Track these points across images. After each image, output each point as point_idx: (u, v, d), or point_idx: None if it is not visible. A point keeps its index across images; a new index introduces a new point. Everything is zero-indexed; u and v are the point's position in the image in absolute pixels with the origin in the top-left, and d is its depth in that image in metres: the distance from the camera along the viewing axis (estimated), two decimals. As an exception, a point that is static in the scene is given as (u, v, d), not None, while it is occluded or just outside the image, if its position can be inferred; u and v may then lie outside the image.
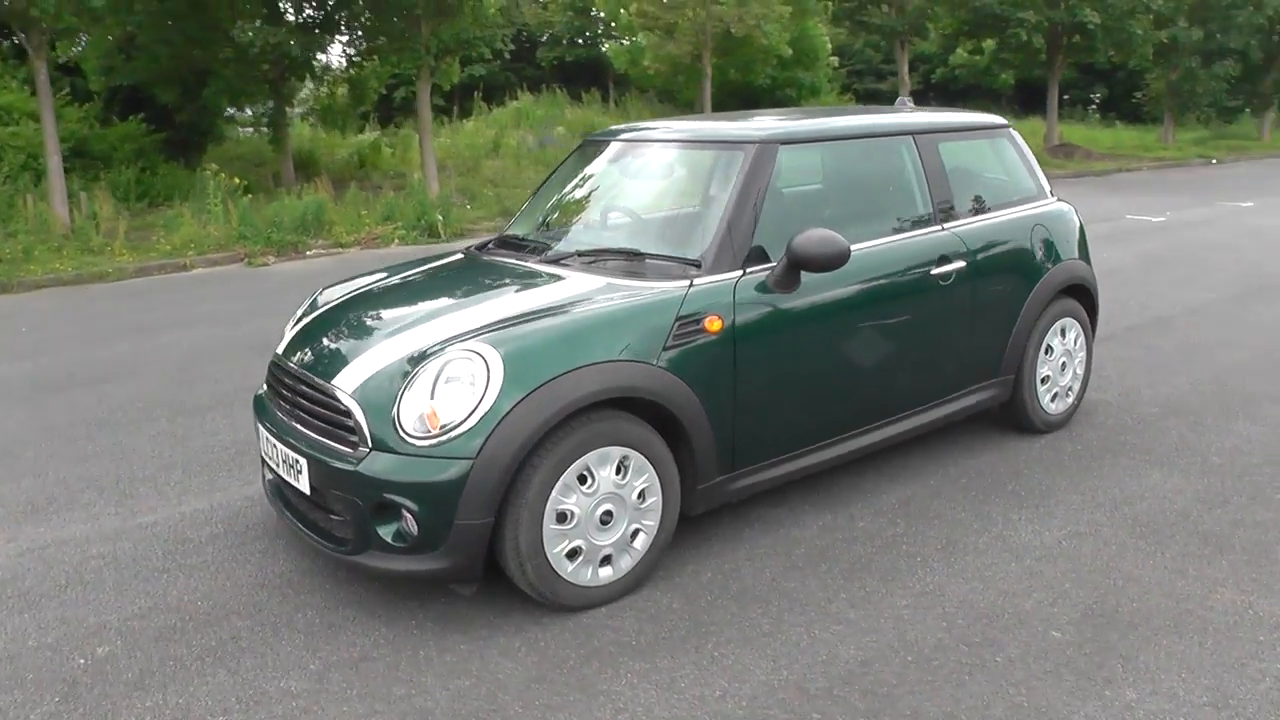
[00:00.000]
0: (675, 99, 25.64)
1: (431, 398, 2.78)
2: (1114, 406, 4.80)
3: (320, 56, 13.49)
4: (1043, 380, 4.34)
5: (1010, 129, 4.44)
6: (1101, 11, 20.09)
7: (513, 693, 2.61)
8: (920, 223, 3.82)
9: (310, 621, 3.00)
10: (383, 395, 2.85)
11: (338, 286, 3.84)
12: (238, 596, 3.17)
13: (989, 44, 30.73)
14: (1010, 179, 4.31)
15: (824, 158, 3.65)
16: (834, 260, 3.20)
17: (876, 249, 3.59)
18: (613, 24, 30.43)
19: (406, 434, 2.77)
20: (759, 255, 3.29)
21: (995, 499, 3.79)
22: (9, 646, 2.92)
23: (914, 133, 3.92)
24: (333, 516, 2.99)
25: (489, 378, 2.76)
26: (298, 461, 3.00)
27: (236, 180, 10.78)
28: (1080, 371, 4.56)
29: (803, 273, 3.28)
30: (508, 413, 2.73)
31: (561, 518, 2.88)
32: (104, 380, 5.71)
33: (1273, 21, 24.18)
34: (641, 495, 3.03)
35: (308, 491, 3.00)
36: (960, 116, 4.29)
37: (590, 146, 4.13)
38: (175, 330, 6.98)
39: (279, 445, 3.12)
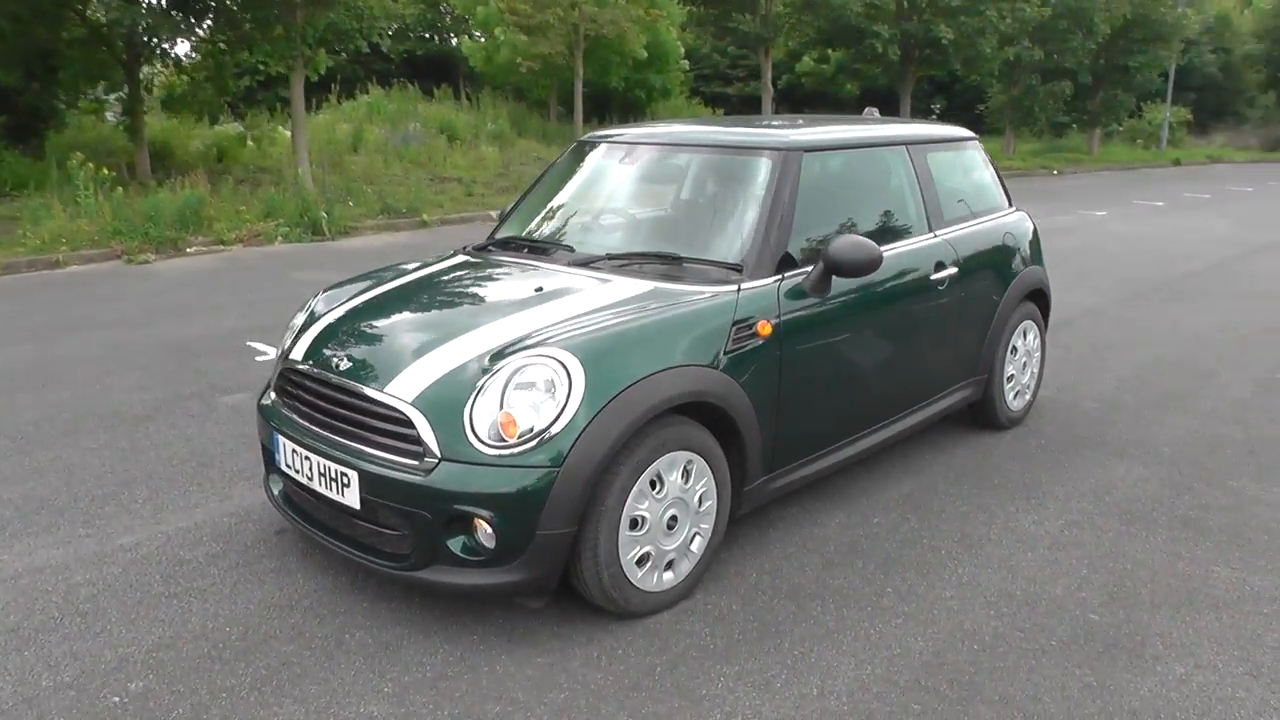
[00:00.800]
0: (526, 97, 25.52)
1: (506, 405, 2.69)
2: (1058, 403, 5.14)
3: (181, 42, 12.67)
4: (1008, 379, 4.60)
5: (977, 141, 4.68)
6: (954, 28, 21.36)
7: (614, 702, 2.56)
8: (917, 230, 3.98)
9: (362, 642, 2.84)
10: (448, 404, 2.73)
11: (338, 289, 3.64)
12: (269, 620, 2.96)
13: (837, 54, 32.15)
14: (981, 189, 4.54)
15: (839, 166, 3.74)
16: (868, 266, 3.29)
17: (891, 254, 3.71)
18: (467, 19, 29.96)
19: (482, 443, 2.67)
20: (789, 260, 3.34)
21: (987, 492, 3.99)
22: (20, 689, 2.62)
23: (908, 143, 4.08)
24: (385, 531, 2.84)
25: (570, 384, 2.69)
26: (344, 475, 2.83)
27: (105, 171, 9.96)
28: (1036, 371, 4.86)
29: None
30: (592, 419, 2.67)
31: (634, 524, 2.84)
32: (14, 390, 5.18)
33: (1101, 48, 26.33)
34: (700, 499, 3.03)
35: (356, 506, 2.83)
36: (937, 128, 4.49)
37: (590, 148, 4.07)
38: (72, 334, 6.41)
39: (313, 458, 2.93)
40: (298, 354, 3.23)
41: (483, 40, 25.39)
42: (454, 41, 29.05)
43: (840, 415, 3.60)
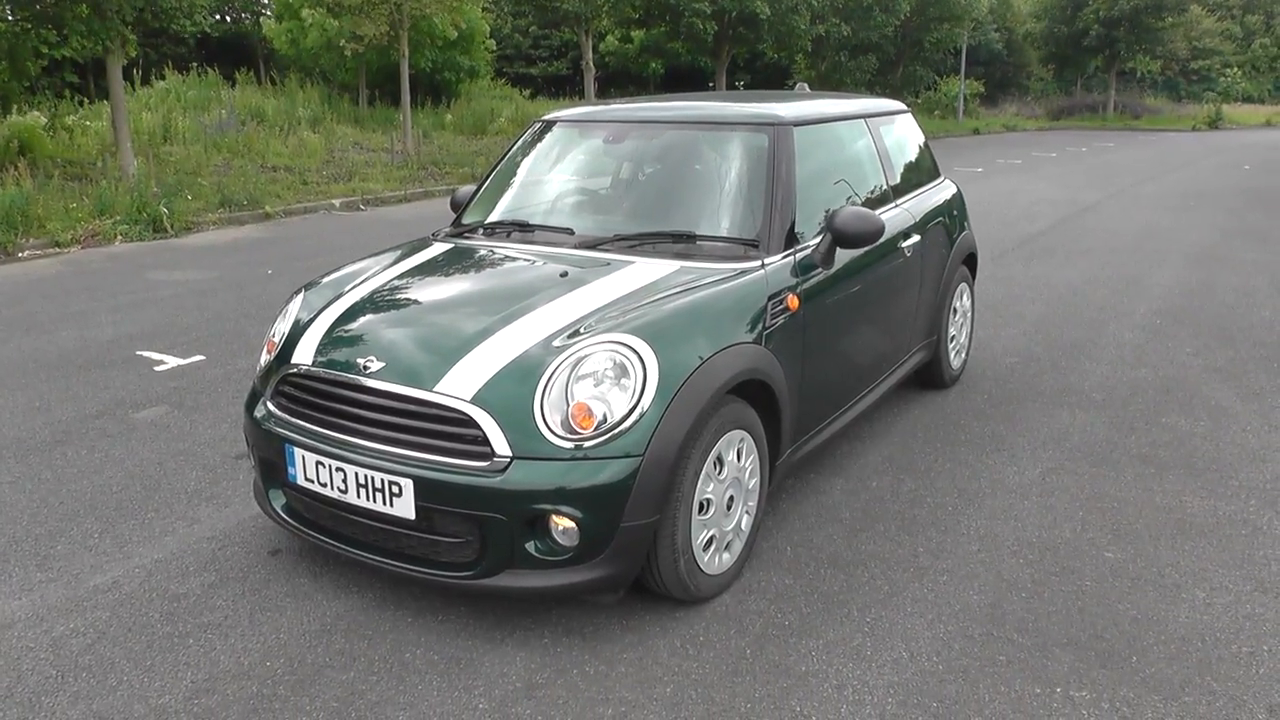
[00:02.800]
0: (331, 81, 24.37)
1: (577, 396, 2.57)
2: (979, 360, 5.42)
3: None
4: (950, 339, 4.82)
5: (909, 113, 4.85)
6: (769, 5, 22.03)
7: (722, 689, 2.51)
8: (885, 200, 4.09)
9: (427, 660, 2.65)
10: (513, 399, 2.58)
11: (319, 287, 3.35)
12: (311, 648, 2.71)
13: (639, 33, 32.50)
14: (920, 158, 4.71)
15: (819, 139, 3.77)
16: (872, 236, 3.35)
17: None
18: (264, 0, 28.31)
19: (557, 436, 2.54)
20: (793, 233, 3.36)
21: (960, 448, 4.17)
22: (53, 759, 2.30)
23: (865, 116, 4.18)
24: (443, 540, 2.66)
25: (644, 369, 2.60)
26: (394, 484, 2.62)
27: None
28: (969, 330, 5.12)
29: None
30: (668, 404, 2.59)
31: (701, 508, 2.79)
32: (-124, 423, 4.49)
33: (901, 26, 27.86)
34: (748, 477, 3.01)
35: (410, 516, 2.63)
36: (881, 102, 4.61)
37: (561, 128, 3.93)
38: (-89, 356, 5.61)
39: (348, 469, 2.70)
40: (302, 358, 2.96)
41: (284, 23, 23.99)
42: (252, 22, 27.31)
43: (843, 382, 3.67)
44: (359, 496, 2.71)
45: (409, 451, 2.64)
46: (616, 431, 2.55)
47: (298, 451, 2.84)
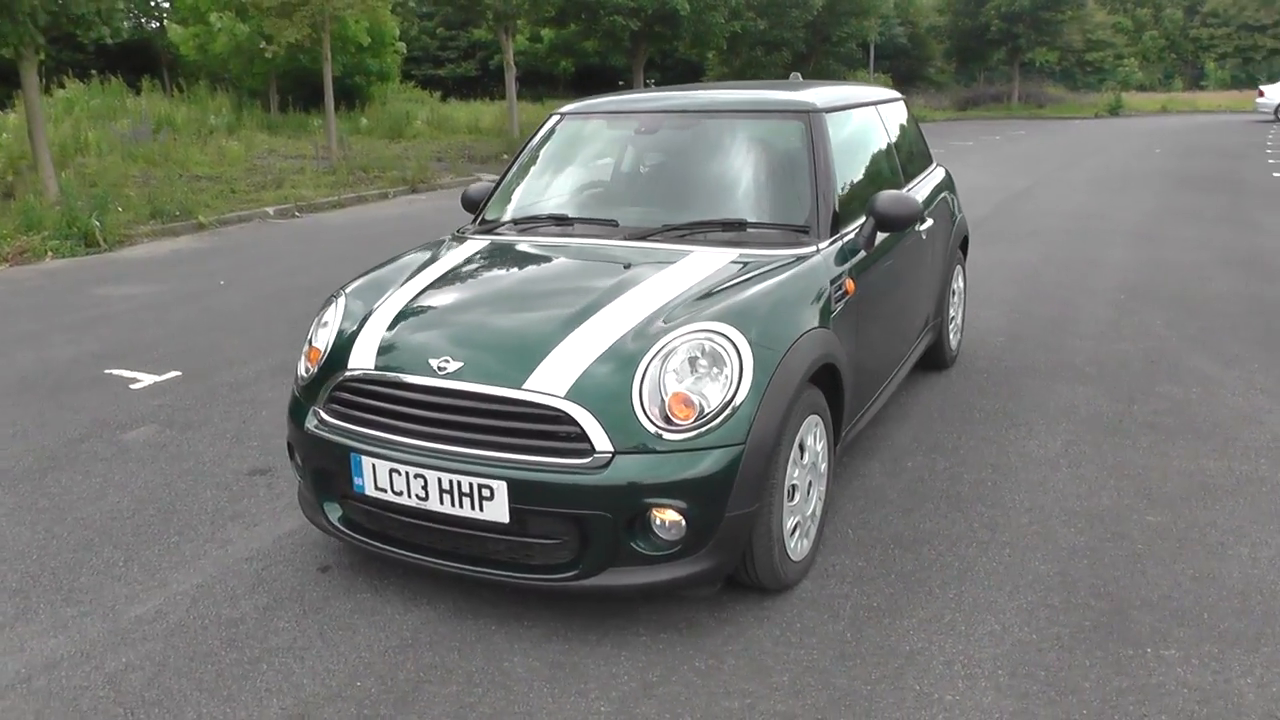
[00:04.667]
0: (238, 88, 23.63)
1: (674, 386, 2.53)
2: (969, 340, 5.55)
3: None
4: (950, 320, 4.92)
5: (903, 99, 4.93)
6: (689, 2, 22.15)
7: (840, 674, 2.51)
8: (898, 184, 4.15)
9: (528, 666, 2.58)
10: (609, 393, 2.53)
11: (362, 290, 3.22)
12: (401, 664, 2.61)
13: (549, 32, 32.31)
14: (918, 143, 4.79)
15: (843, 126, 3.79)
16: (912, 218, 3.40)
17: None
18: (162, 4, 27.27)
19: (658, 429, 2.50)
20: (838, 218, 3.38)
21: (979, 425, 4.26)
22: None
23: (875, 103, 4.23)
24: (536, 542, 2.59)
25: (740, 357, 2.58)
26: (484, 488, 2.54)
27: None
28: (963, 311, 5.23)
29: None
30: (765, 392, 2.58)
31: (789, 494, 2.78)
32: None
33: (812, 21, 28.35)
34: (820, 460, 3.02)
35: (504, 520, 2.56)
36: (881, 90, 4.68)
37: (584, 120, 3.88)
38: None
39: (428, 474, 2.61)
40: (361, 363, 2.84)
41: (189, 28, 23.11)
42: (156, 27, 26.25)
43: (881, 363, 3.71)
44: (443, 503, 2.62)
45: (499, 453, 2.56)
46: (717, 420, 2.52)
47: (366, 460, 2.73)
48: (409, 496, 2.67)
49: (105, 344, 5.86)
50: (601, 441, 2.49)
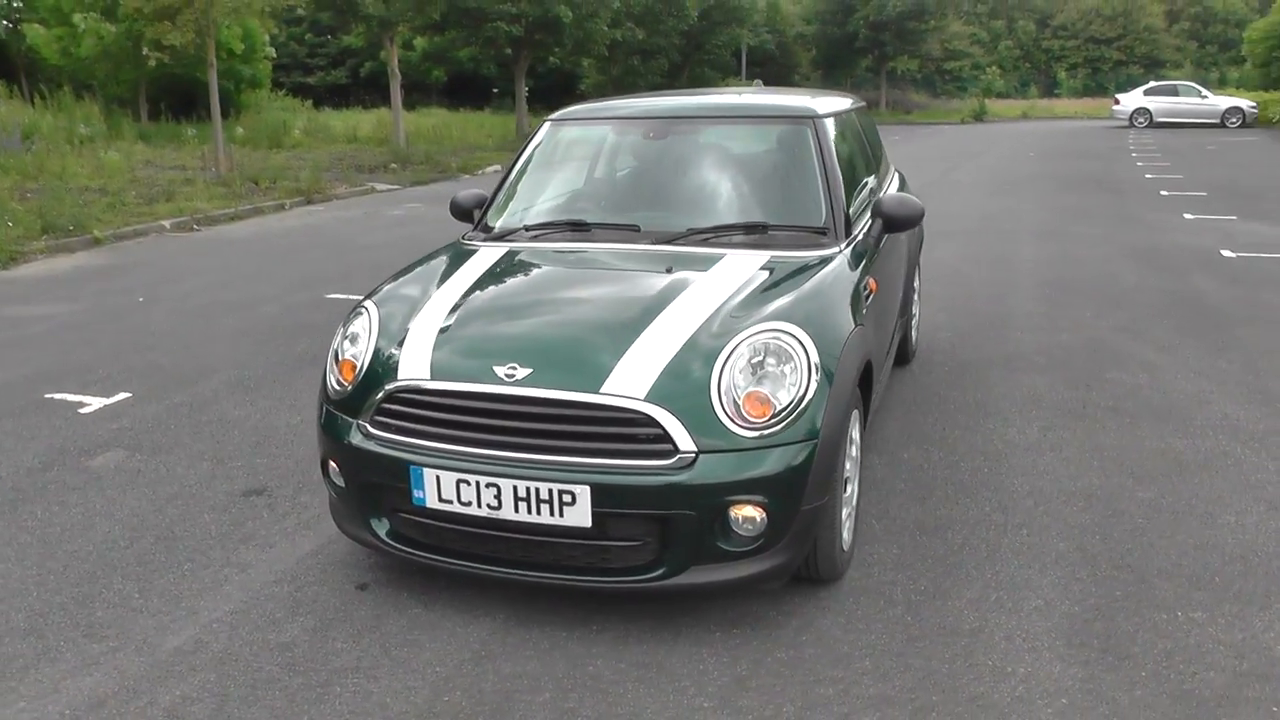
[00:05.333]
0: (104, 93, 22.46)
1: (749, 385, 2.60)
2: (920, 335, 5.80)
3: None
4: (913, 317, 5.14)
5: (865, 105, 5.12)
6: (573, 9, 22.21)
7: (916, 657, 2.61)
8: (878, 187, 4.32)
9: (617, 669, 2.59)
10: (686, 394, 2.58)
11: (390, 301, 3.15)
12: (482, 676, 2.59)
13: (421, 41, 31.84)
14: (879, 148, 4.99)
15: (835, 131, 3.92)
16: (917, 218, 3.57)
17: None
18: (14, 3, 25.60)
19: (738, 427, 2.55)
20: (850, 219, 3.51)
21: (956, 415, 4.47)
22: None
23: (851, 109, 4.40)
24: (616, 545, 2.60)
25: (807, 355, 2.66)
26: (565, 493, 2.54)
27: None
28: (919, 307, 5.47)
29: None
30: (831, 387, 2.67)
31: (844, 485, 2.88)
32: None
33: (687, 30, 28.84)
34: (856, 453, 3.13)
35: (585, 524, 2.56)
36: (846, 96, 4.85)
37: (583, 126, 3.91)
38: None
39: (502, 482, 2.59)
40: (414, 373, 2.79)
41: (50, 30, 21.76)
42: (9, 26, 24.58)
43: (880, 358, 3.85)
44: (518, 511, 2.60)
45: (579, 458, 2.56)
46: (791, 417, 2.60)
47: (428, 472, 2.68)
48: (478, 506, 2.64)
49: (35, 367, 5.49)
50: (685, 442, 2.52)
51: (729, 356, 2.63)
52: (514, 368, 2.66)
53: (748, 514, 2.57)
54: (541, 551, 2.68)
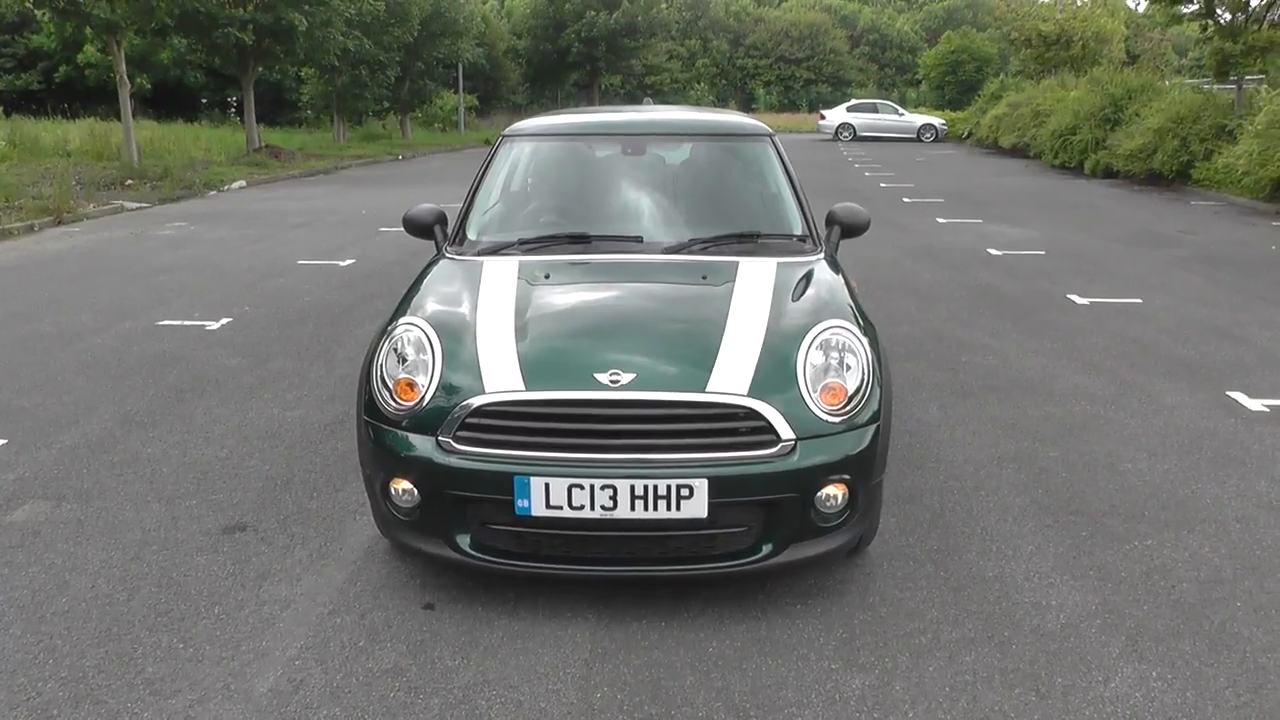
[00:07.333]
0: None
1: (829, 376, 2.90)
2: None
3: None
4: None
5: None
6: (306, 17, 21.27)
7: (969, 601, 3.03)
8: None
9: (736, 649, 2.79)
10: (780, 387, 2.84)
11: (437, 321, 3.12)
12: (615, 673, 2.70)
13: (139, 43, 29.20)
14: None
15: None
16: (866, 224, 4.04)
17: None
18: None
19: (824, 414, 2.85)
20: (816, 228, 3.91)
21: (949, 407, 4.88)
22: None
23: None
24: (722, 532, 2.82)
25: (864, 346, 3.00)
26: (683, 488, 2.72)
27: None
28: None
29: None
30: (882, 375, 3.04)
31: (878, 464, 3.26)
32: None
33: (412, 42, 28.45)
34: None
35: (702, 515, 2.74)
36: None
37: (549, 141, 4.05)
38: None
39: (618, 483, 2.70)
40: (505, 385, 2.82)
41: None
42: None
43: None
44: (634, 509, 2.73)
45: (695, 454, 2.75)
46: (861, 402, 2.92)
47: (535, 481, 2.75)
48: (592, 509, 2.74)
49: None
50: (785, 431, 2.78)
51: (807, 351, 2.92)
52: (616, 374, 2.80)
53: (831, 492, 2.87)
54: (647, 546, 2.83)
